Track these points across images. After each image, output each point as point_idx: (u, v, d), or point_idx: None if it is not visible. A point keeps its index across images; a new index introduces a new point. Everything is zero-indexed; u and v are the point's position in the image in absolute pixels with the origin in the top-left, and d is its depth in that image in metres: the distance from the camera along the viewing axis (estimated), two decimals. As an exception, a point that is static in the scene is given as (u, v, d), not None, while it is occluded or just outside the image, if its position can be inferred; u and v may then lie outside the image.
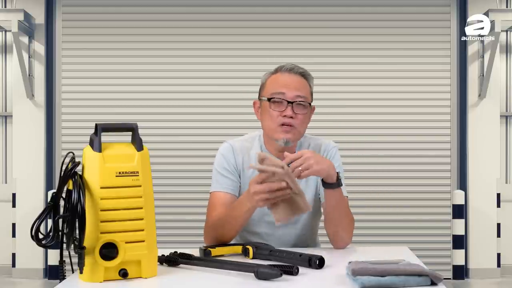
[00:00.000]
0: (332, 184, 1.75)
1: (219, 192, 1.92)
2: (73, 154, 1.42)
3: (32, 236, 1.34)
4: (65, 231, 1.36)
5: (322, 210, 1.96)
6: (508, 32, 5.03)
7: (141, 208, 1.41)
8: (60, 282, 1.40)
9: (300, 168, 1.64)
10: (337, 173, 1.76)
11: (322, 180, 1.76)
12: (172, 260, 1.55)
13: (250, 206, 1.69)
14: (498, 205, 4.93)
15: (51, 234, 1.36)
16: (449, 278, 4.78)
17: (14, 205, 4.93)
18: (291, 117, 1.83)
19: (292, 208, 1.61)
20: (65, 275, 1.42)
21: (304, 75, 1.91)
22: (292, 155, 1.66)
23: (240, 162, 1.94)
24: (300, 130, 1.87)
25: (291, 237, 1.96)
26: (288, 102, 1.84)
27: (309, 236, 2.01)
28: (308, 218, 1.96)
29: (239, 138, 2.02)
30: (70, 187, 1.36)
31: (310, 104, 1.89)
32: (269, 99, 1.87)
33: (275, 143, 1.89)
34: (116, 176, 1.39)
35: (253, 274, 1.39)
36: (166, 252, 1.59)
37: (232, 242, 2.03)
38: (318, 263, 1.50)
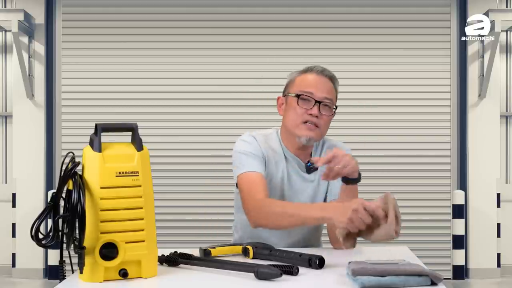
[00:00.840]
0: (355, 179, 1.80)
1: (253, 172, 1.84)
2: (73, 154, 1.42)
3: (32, 236, 1.34)
4: (65, 231, 1.35)
5: None
6: (508, 32, 5.03)
7: (141, 208, 1.41)
8: (60, 282, 1.40)
9: (340, 166, 1.70)
10: None
11: (344, 177, 1.78)
12: (172, 260, 1.55)
13: (330, 216, 1.60)
14: (498, 205, 4.93)
15: (51, 234, 1.36)
16: (449, 278, 4.78)
17: (14, 205, 4.93)
18: (316, 117, 1.86)
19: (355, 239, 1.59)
20: (65, 275, 1.42)
21: (332, 79, 1.94)
22: (327, 156, 1.71)
23: (265, 151, 1.92)
24: (323, 131, 1.90)
25: (297, 235, 1.98)
26: (316, 101, 1.86)
27: (314, 234, 2.03)
28: None
29: (256, 131, 1.99)
30: (70, 187, 1.36)
31: (335, 107, 1.92)
32: (297, 96, 1.88)
33: (295, 140, 1.91)
34: (116, 176, 1.39)
35: (253, 274, 1.39)
36: (166, 252, 1.58)
37: (232, 242, 2.04)
38: (318, 263, 1.50)
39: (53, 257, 4.69)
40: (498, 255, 4.92)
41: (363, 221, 1.53)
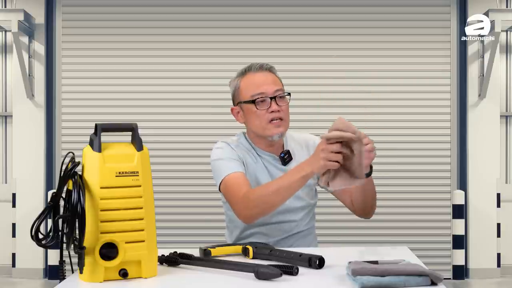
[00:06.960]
0: (369, 173, 1.85)
1: (235, 173, 1.88)
2: (73, 154, 1.42)
3: (32, 236, 1.34)
4: (65, 231, 1.36)
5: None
6: (508, 32, 5.02)
7: (141, 208, 1.41)
8: (60, 282, 1.40)
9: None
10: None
11: None
12: (172, 260, 1.55)
13: (309, 171, 1.67)
14: (498, 205, 4.93)
15: (51, 234, 1.36)
16: (449, 278, 4.77)
17: (14, 205, 4.93)
18: (278, 111, 1.91)
19: (349, 177, 1.64)
20: (65, 275, 1.42)
21: (272, 70, 2.00)
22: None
23: (240, 154, 1.97)
24: (287, 120, 1.97)
25: (291, 226, 1.99)
26: (271, 98, 1.91)
27: (308, 223, 2.04)
28: (306, 203, 2.02)
29: (227, 139, 2.05)
30: (70, 187, 1.36)
31: (288, 94, 1.97)
32: (253, 101, 1.92)
33: (266, 140, 1.96)
34: (116, 176, 1.39)
35: (253, 274, 1.39)
36: (166, 252, 1.59)
37: (231, 242, 2.04)
38: (318, 263, 1.50)
39: (53, 257, 4.69)
40: (498, 255, 4.92)
41: (337, 152, 1.61)
